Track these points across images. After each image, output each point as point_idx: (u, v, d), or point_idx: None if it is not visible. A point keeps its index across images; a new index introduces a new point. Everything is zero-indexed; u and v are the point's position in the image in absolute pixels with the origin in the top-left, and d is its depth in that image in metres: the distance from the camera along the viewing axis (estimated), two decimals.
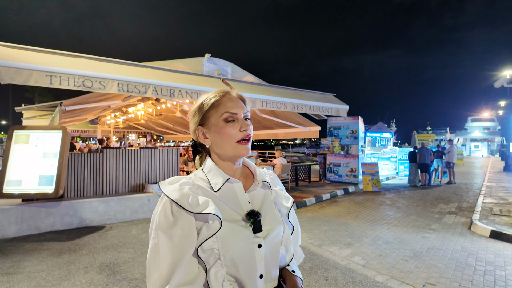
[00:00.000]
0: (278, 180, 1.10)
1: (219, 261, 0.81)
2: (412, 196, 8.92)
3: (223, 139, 0.90)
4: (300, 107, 8.03)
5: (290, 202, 1.02)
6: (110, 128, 15.63)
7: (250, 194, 0.94)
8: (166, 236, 0.79)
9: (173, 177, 0.90)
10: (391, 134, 14.30)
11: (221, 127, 0.90)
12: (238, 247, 0.83)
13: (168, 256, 0.77)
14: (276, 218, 0.95)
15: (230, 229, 0.83)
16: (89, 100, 7.18)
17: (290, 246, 0.99)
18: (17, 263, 3.72)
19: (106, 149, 6.09)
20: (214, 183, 0.89)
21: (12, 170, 4.88)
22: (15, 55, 4.49)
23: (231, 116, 0.91)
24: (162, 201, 0.84)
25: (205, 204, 0.82)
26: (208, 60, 7.50)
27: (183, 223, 0.80)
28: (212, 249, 0.81)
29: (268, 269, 0.89)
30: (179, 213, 0.81)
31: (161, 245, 0.79)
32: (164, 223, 0.80)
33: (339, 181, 11.27)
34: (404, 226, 5.64)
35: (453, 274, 3.57)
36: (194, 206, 0.81)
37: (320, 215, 6.53)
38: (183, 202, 0.81)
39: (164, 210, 0.82)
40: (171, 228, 0.80)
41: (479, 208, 6.75)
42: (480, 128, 46.21)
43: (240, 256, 0.83)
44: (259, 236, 0.86)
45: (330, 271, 3.61)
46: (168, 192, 0.83)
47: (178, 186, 0.85)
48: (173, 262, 0.77)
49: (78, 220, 5.32)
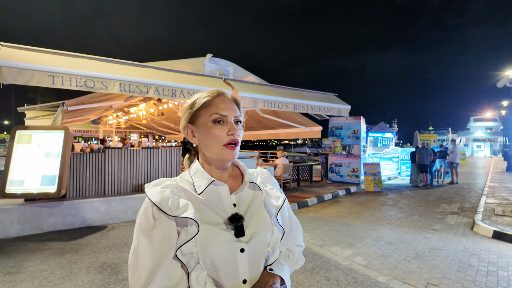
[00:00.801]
0: (271, 179, 1.07)
1: (199, 265, 0.80)
2: (414, 197, 8.90)
3: (209, 140, 0.89)
4: (301, 107, 8.03)
5: (281, 200, 0.98)
6: (112, 128, 15.66)
7: (238, 195, 0.92)
8: (147, 239, 0.79)
9: (159, 179, 0.89)
10: (393, 134, 14.27)
11: (209, 128, 0.89)
12: (218, 251, 0.80)
13: (148, 259, 0.77)
14: (264, 221, 0.91)
15: (210, 233, 0.81)
16: (91, 100, 7.20)
17: (277, 248, 0.93)
18: (20, 263, 3.73)
19: (108, 149, 6.11)
20: (198, 185, 0.88)
21: (14, 170, 4.90)
22: (18, 55, 4.51)
23: (220, 118, 0.89)
24: (145, 203, 0.84)
25: (185, 207, 0.81)
26: (209, 60, 7.51)
27: (163, 226, 0.80)
28: (192, 253, 0.80)
29: (253, 274, 0.85)
30: (159, 216, 0.81)
31: (141, 247, 0.78)
32: (145, 225, 0.80)
33: (340, 181, 11.25)
34: (406, 227, 5.62)
35: (455, 274, 3.56)
36: (173, 209, 0.80)
37: (321, 215, 6.52)
38: (163, 205, 0.80)
39: (145, 213, 0.82)
40: (151, 230, 0.79)
41: (482, 208, 6.72)
42: (483, 128, 46.05)
43: (220, 260, 0.80)
44: (241, 241, 0.84)
45: (332, 271, 3.60)
46: (151, 194, 0.83)
47: (160, 189, 0.84)
48: (152, 265, 0.77)
49: (80, 220, 5.33)
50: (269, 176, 1.07)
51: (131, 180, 6.32)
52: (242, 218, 0.86)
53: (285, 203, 1.00)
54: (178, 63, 7.00)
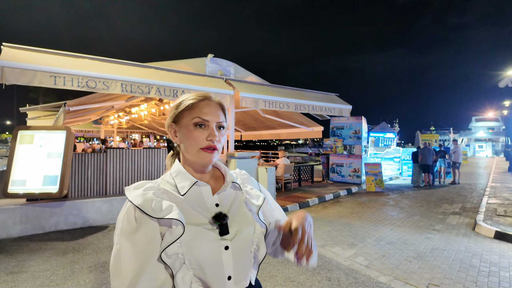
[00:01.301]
0: (250, 179, 1.09)
1: (184, 265, 0.80)
2: (415, 197, 8.88)
3: (188, 143, 0.90)
4: (303, 107, 8.03)
5: (261, 199, 1.00)
6: (114, 128, 15.71)
7: (220, 196, 0.93)
8: (129, 242, 0.78)
9: (139, 182, 0.88)
10: (394, 134, 14.26)
11: (190, 130, 0.90)
12: (203, 250, 0.82)
13: (131, 263, 0.76)
14: (246, 219, 0.94)
15: (195, 233, 0.82)
16: (93, 100, 7.22)
17: (263, 244, 0.94)
18: (22, 263, 3.75)
19: (110, 150, 6.12)
20: (180, 186, 0.88)
21: (16, 170, 4.92)
22: (20, 56, 4.53)
23: (202, 122, 0.90)
24: (126, 206, 0.83)
25: (169, 209, 0.81)
26: (211, 60, 7.52)
27: (146, 228, 0.79)
28: (177, 254, 0.80)
29: (238, 270, 0.87)
30: (142, 218, 0.80)
31: (123, 251, 0.77)
32: (127, 228, 0.79)
33: (342, 181, 11.24)
34: (407, 227, 5.61)
35: (457, 275, 3.55)
36: (157, 211, 0.80)
37: (323, 215, 6.52)
38: (146, 208, 0.80)
39: (127, 216, 0.81)
40: (134, 233, 0.78)
41: (483, 208, 6.70)
42: (485, 128, 45.91)
43: (206, 259, 0.82)
44: (226, 239, 0.86)
45: (333, 271, 3.60)
46: (132, 197, 0.82)
47: (142, 191, 0.83)
48: (136, 269, 0.76)
49: (82, 220, 5.35)
50: (249, 177, 1.09)
51: (132, 180, 6.33)
52: (226, 217, 0.88)
53: (265, 201, 1.02)
54: (179, 63, 7.02)
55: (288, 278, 3.40)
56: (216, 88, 6.41)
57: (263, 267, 3.67)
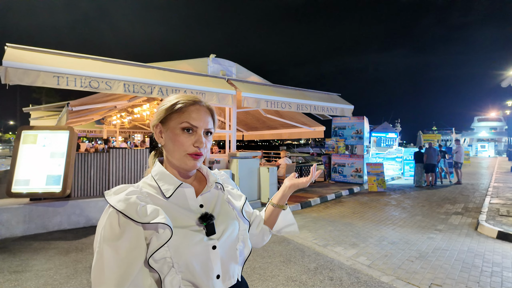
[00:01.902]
0: (229, 180, 1.12)
1: (173, 269, 0.79)
2: (417, 197, 8.86)
3: (174, 146, 0.88)
4: (304, 107, 8.04)
5: (243, 199, 1.05)
6: (116, 128, 15.75)
7: (203, 197, 0.94)
8: (112, 249, 0.75)
9: (119, 186, 0.86)
10: (396, 134, 14.22)
11: (176, 134, 0.88)
12: (191, 252, 0.81)
13: (114, 271, 0.74)
14: (230, 217, 0.96)
15: (182, 236, 0.82)
16: (96, 100, 7.25)
17: (247, 241, 0.99)
18: (25, 262, 3.77)
19: (112, 149, 6.15)
20: (165, 189, 0.87)
21: (20, 170, 4.95)
22: (23, 56, 4.56)
23: (190, 127, 0.89)
24: (108, 212, 0.80)
25: (154, 213, 0.80)
26: (213, 60, 7.54)
27: (130, 234, 0.77)
28: (165, 258, 0.79)
29: (226, 268, 0.89)
30: (126, 224, 0.77)
31: (106, 259, 0.74)
32: (110, 235, 0.76)
33: (344, 181, 11.23)
34: (409, 227, 5.61)
35: (459, 275, 3.55)
36: (142, 216, 0.78)
37: (325, 215, 6.52)
38: (130, 212, 0.78)
39: (109, 222, 0.78)
40: (117, 240, 0.76)
41: (486, 208, 6.68)
42: (487, 128, 45.73)
43: (194, 261, 0.81)
44: (213, 238, 0.86)
45: (335, 271, 3.61)
46: (114, 202, 0.79)
47: (124, 196, 0.81)
48: (120, 277, 0.74)
49: (85, 219, 5.37)
50: (227, 178, 1.12)
51: (135, 180, 6.35)
52: (212, 217, 0.88)
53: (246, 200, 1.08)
54: (181, 64, 7.04)
55: (290, 277, 3.41)
56: (218, 88, 6.43)
57: (264, 267, 3.68)
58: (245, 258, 0.99)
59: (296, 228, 1.21)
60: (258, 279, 3.36)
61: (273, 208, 1.16)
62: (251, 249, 1.02)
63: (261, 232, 1.15)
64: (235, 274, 0.94)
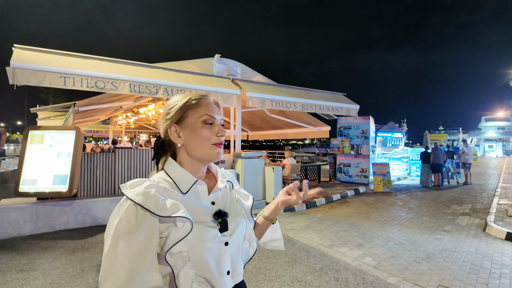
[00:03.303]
0: (235, 179, 1.13)
1: (188, 263, 0.80)
2: (424, 197, 8.78)
3: (198, 140, 0.91)
4: (310, 107, 8.00)
5: (250, 199, 1.09)
6: (122, 128, 15.86)
7: (214, 194, 0.95)
8: (126, 243, 0.75)
9: (134, 180, 0.85)
10: (402, 134, 14.11)
11: (198, 128, 0.91)
12: (206, 247, 0.83)
13: (126, 264, 0.74)
14: (239, 215, 0.98)
15: (198, 231, 0.83)
16: (102, 100, 7.30)
17: (253, 241, 1.02)
18: (33, 260, 3.81)
19: (118, 149, 6.18)
20: (181, 185, 0.88)
21: (27, 170, 5.00)
22: (30, 57, 4.61)
23: (210, 119, 0.92)
24: (125, 204, 0.79)
25: (174, 207, 0.81)
26: (218, 60, 7.54)
27: (146, 228, 0.77)
28: (181, 252, 0.80)
29: (234, 265, 0.92)
30: (143, 217, 0.77)
31: (119, 252, 0.74)
32: (125, 228, 0.76)
33: (349, 181, 11.17)
34: (416, 227, 5.55)
35: (467, 276, 3.50)
36: (162, 209, 0.79)
37: (330, 215, 6.49)
38: (149, 206, 0.78)
39: (126, 215, 0.77)
40: (132, 234, 0.76)
41: (494, 209, 6.60)
42: (495, 128, 45.18)
43: (208, 256, 0.83)
44: (225, 235, 0.89)
45: (341, 272, 3.58)
46: (132, 195, 0.79)
47: (143, 189, 0.81)
48: (131, 271, 0.74)
49: (91, 219, 5.41)
50: (233, 177, 1.13)
51: None
52: (227, 214, 0.91)
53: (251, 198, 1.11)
54: (186, 64, 7.06)
55: (296, 278, 3.39)
56: (223, 88, 6.43)
57: (270, 267, 3.67)
58: (249, 258, 1.02)
59: (282, 245, 1.21)
60: (263, 280, 3.35)
61: (263, 220, 1.16)
62: (255, 249, 1.04)
63: None
64: (242, 272, 0.97)
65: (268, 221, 1.16)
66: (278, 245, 1.20)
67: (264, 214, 1.17)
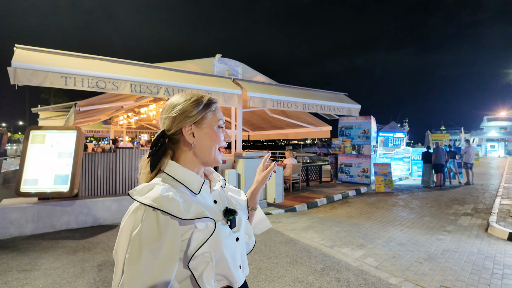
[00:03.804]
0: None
1: (211, 263, 0.80)
2: (426, 197, 8.75)
3: (211, 143, 0.92)
4: (311, 106, 7.99)
5: (243, 194, 1.13)
6: (123, 128, 15.86)
7: (214, 193, 0.96)
8: (151, 254, 0.71)
9: (142, 185, 0.81)
10: (404, 134, 14.07)
11: (214, 131, 0.93)
12: (225, 245, 0.84)
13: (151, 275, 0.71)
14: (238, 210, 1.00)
15: (217, 230, 0.83)
16: (103, 100, 7.31)
17: (251, 233, 1.06)
18: (34, 260, 3.81)
19: (119, 149, 6.19)
20: (191, 186, 0.87)
21: (28, 170, 5.01)
22: (31, 57, 4.61)
23: (222, 124, 0.97)
24: (141, 211, 0.75)
25: (196, 209, 0.79)
26: (219, 60, 7.53)
27: (169, 235, 0.74)
28: (203, 253, 0.79)
29: (243, 259, 0.96)
30: (165, 223, 0.74)
31: (144, 263, 0.70)
32: (149, 238, 0.72)
33: (350, 181, 11.15)
34: (418, 228, 5.53)
35: (469, 277, 3.48)
36: (185, 212, 0.76)
37: (331, 215, 6.47)
38: (171, 210, 0.74)
39: (147, 223, 0.73)
40: (157, 242, 0.72)
41: (496, 209, 6.57)
42: (497, 127, 45.00)
43: (227, 253, 0.85)
44: (235, 231, 0.91)
45: (342, 272, 3.57)
46: (149, 201, 0.74)
47: (160, 193, 0.76)
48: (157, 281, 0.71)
49: (92, 219, 5.41)
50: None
51: None
52: (236, 212, 0.93)
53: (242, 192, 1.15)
54: (187, 64, 7.05)
55: (297, 278, 3.38)
56: (224, 88, 6.42)
57: (271, 268, 3.66)
58: (249, 250, 1.06)
59: (269, 223, 1.26)
60: (264, 280, 3.34)
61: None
62: (254, 242, 1.09)
63: None
64: (248, 264, 1.00)
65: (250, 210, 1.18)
66: (266, 225, 1.26)
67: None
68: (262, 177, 1.17)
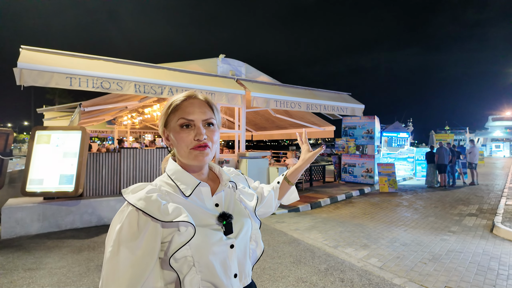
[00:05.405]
0: (239, 177, 1.12)
1: (193, 268, 0.79)
2: (430, 197, 8.70)
3: (178, 145, 0.88)
4: (314, 106, 7.98)
5: (255, 198, 1.04)
6: (127, 128, 15.95)
7: (218, 196, 0.94)
8: (129, 250, 0.73)
9: (136, 184, 0.84)
10: (408, 134, 14.01)
11: (177, 132, 0.88)
12: (212, 251, 0.81)
13: (128, 272, 0.72)
14: (244, 215, 0.96)
15: (203, 234, 0.81)
16: (107, 101, 7.35)
17: (260, 240, 1.02)
18: (39, 259, 3.85)
19: (123, 149, 6.22)
20: (184, 188, 0.87)
21: (34, 169, 5.05)
22: (37, 58, 4.65)
23: (187, 122, 0.87)
24: (126, 210, 0.78)
25: (177, 211, 0.79)
26: (222, 60, 7.55)
27: (148, 234, 0.76)
28: (185, 257, 0.78)
29: (242, 267, 0.90)
30: (145, 223, 0.76)
31: (121, 259, 0.73)
32: (128, 235, 0.75)
33: (354, 181, 11.11)
34: (422, 228, 5.50)
35: (474, 278, 3.46)
36: (164, 214, 0.77)
37: (335, 216, 6.46)
38: (151, 211, 0.76)
39: (128, 221, 0.76)
40: (134, 240, 0.74)
41: (502, 210, 6.51)
42: (502, 127, 44.57)
43: (214, 260, 0.81)
44: (231, 237, 0.87)
45: (346, 272, 3.56)
46: (134, 200, 0.77)
47: (144, 194, 0.79)
48: (133, 278, 0.73)
49: (97, 218, 5.45)
50: (237, 174, 1.12)
51: (145, 179, 6.41)
52: (231, 216, 0.89)
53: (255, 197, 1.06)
54: (191, 64, 7.07)
55: (301, 278, 3.38)
56: (227, 88, 6.44)
57: (274, 267, 3.66)
58: (257, 258, 1.01)
59: (297, 195, 1.38)
60: (268, 280, 3.34)
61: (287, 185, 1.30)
62: (263, 249, 1.03)
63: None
64: (250, 273, 0.95)
65: (286, 182, 1.30)
66: (294, 196, 1.37)
67: (291, 181, 1.30)
68: (309, 156, 1.28)
